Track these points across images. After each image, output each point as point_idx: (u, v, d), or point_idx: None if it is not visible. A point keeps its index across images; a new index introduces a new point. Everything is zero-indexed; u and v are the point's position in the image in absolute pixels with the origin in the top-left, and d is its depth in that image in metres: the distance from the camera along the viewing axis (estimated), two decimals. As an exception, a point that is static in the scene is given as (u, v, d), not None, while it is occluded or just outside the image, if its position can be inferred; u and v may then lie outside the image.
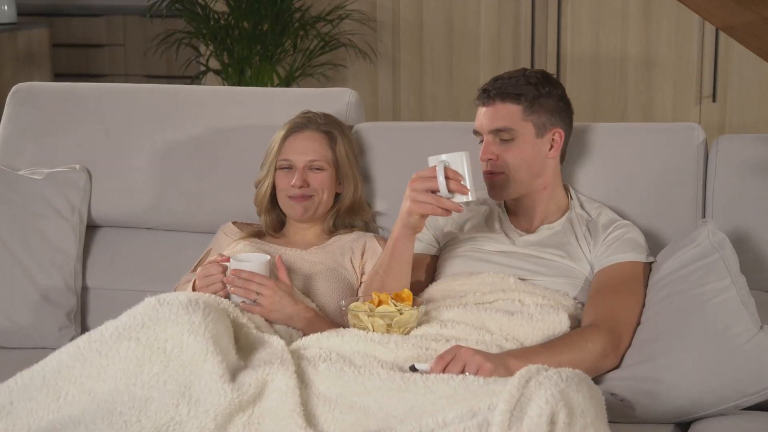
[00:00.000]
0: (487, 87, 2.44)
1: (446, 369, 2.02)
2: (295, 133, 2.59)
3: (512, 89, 2.41)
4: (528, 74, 2.45)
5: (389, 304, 2.23)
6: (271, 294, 2.31)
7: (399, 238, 2.32)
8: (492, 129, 2.41)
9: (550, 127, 2.44)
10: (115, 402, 1.94)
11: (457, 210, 2.24)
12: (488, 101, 2.43)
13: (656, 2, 4.82)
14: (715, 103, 4.84)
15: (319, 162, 2.57)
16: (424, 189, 2.23)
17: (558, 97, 2.46)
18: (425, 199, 2.23)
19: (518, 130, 2.41)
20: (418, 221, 2.29)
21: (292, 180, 2.55)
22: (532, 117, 2.41)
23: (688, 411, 2.17)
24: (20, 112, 2.95)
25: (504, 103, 2.41)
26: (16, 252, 2.74)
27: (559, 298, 2.34)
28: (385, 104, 5.16)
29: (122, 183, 2.86)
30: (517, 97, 2.41)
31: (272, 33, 4.93)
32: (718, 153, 2.54)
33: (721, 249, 2.25)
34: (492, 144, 2.42)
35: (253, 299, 2.30)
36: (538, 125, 2.42)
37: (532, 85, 2.42)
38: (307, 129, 2.60)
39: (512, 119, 2.40)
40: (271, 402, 1.97)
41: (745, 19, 2.06)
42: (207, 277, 2.35)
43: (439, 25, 5.06)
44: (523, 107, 2.41)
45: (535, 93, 2.42)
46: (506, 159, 2.41)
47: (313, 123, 2.61)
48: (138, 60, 6.24)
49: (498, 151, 2.41)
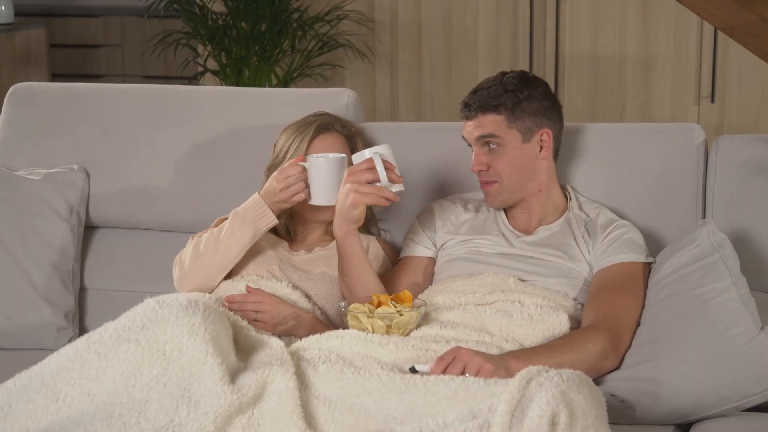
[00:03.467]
0: (468, 101, 2.46)
1: (446, 370, 2.02)
2: (324, 133, 2.56)
3: (491, 101, 2.42)
4: (505, 81, 2.45)
5: (389, 305, 2.23)
6: (269, 309, 2.33)
7: (343, 236, 2.36)
8: (478, 136, 2.42)
9: (536, 129, 2.44)
10: (114, 404, 1.94)
11: (394, 199, 2.32)
12: (470, 114, 2.44)
13: (655, 2, 4.82)
14: (714, 104, 4.84)
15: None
16: (365, 180, 2.29)
17: (540, 97, 2.45)
18: (368, 190, 2.29)
19: (504, 138, 2.41)
20: (361, 213, 2.33)
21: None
22: (516, 124, 2.42)
23: (688, 412, 2.17)
24: (18, 112, 2.94)
25: (485, 115, 2.42)
26: (14, 252, 2.74)
27: (559, 299, 2.34)
28: (383, 104, 5.16)
29: (121, 183, 2.85)
30: (497, 108, 2.41)
31: (270, 33, 4.93)
32: (718, 153, 2.54)
33: (721, 249, 2.25)
34: (481, 154, 2.43)
35: (252, 318, 2.31)
36: (523, 130, 2.42)
37: (510, 92, 2.42)
38: (333, 130, 2.58)
39: (496, 127, 2.41)
40: (271, 403, 1.97)
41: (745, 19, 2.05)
42: (287, 178, 2.37)
43: (437, 26, 5.06)
44: (505, 116, 2.41)
45: (514, 100, 2.41)
46: (497, 167, 2.42)
47: (337, 124, 2.59)
48: (135, 60, 6.24)
49: (488, 160, 2.42)
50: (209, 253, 2.43)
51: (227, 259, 2.44)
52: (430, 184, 2.69)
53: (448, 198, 2.60)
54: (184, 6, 5.05)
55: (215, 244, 2.43)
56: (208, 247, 2.44)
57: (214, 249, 2.43)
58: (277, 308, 2.34)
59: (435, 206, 2.57)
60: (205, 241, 2.45)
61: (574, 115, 2.51)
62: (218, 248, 2.43)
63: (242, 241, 2.43)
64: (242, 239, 2.42)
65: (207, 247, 2.44)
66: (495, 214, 2.52)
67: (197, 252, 2.45)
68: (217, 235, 2.44)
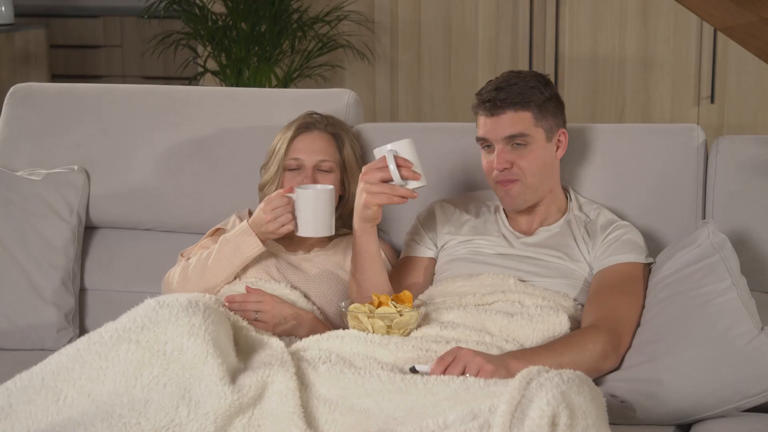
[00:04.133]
0: (492, 97, 2.39)
1: (447, 370, 2.02)
2: (304, 133, 2.57)
3: (520, 97, 2.37)
4: (526, 78, 2.42)
5: (389, 305, 2.23)
6: (270, 309, 2.33)
7: (360, 233, 2.34)
8: (506, 136, 2.38)
9: (556, 129, 2.43)
10: (114, 404, 1.93)
11: (411, 196, 2.27)
12: (497, 111, 2.38)
13: (654, 3, 4.82)
14: (713, 104, 4.84)
15: (328, 162, 2.55)
16: (377, 180, 2.26)
17: (556, 97, 2.45)
18: (379, 190, 2.26)
19: (533, 136, 2.38)
20: (375, 212, 2.31)
21: (300, 180, 2.53)
22: (542, 122, 2.40)
23: (688, 412, 2.17)
24: (18, 112, 2.94)
25: (516, 112, 2.38)
26: (14, 253, 2.74)
27: (559, 300, 2.34)
28: (383, 105, 5.16)
29: (121, 184, 2.85)
30: (527, 105, 2.38)
31: (270, 34, 4.92)
32: (718, 154, 2.54)
33: (721, 250, 2.25)
34: (505, 152, 2.38)
35: (252, 318, 2.31)
36: (547, 129, 2.41)
37: (536, 89, 2.40)
38: (315, 129, 2.58)
39: (526, 125, 2.38)
40: (272, 404, 1.97)
41: (744, 20, 2.05)
42: (274, 210, 2.36)
43: (437, 26, 5.06)
44: (533, 113, 2.38)
45: (541, 98, 2.39)
46: (521, 165, 2.38)
47: (320, 123, 2.60)
48: (135, 61, 6.24)
49: (512, 158, 2.38)
50: (196, 278, 2.46)
51: (213, 285, 2.46)
52: (430, 184, 2.67)
53: (448, 199, 2.60)
54: (184, 6, 5.05)
55: (202, 269, 2.46)
56: (195, 273, 2.47)
57: (200, 274, 2.46)
58: (278, 308, 2.35)
59: (436, 207, 2.57)
60: (192, 266, 2.48)
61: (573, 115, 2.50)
62: (205, 274, 2.46)
63: (228, 268, 2.45)
64: (229, 266, 2.45)
65: (194, 272, 2.47)
66: (496, 215, 2.52)
67: (185, 276, 2.48)
68: (204, 261, 2.47)
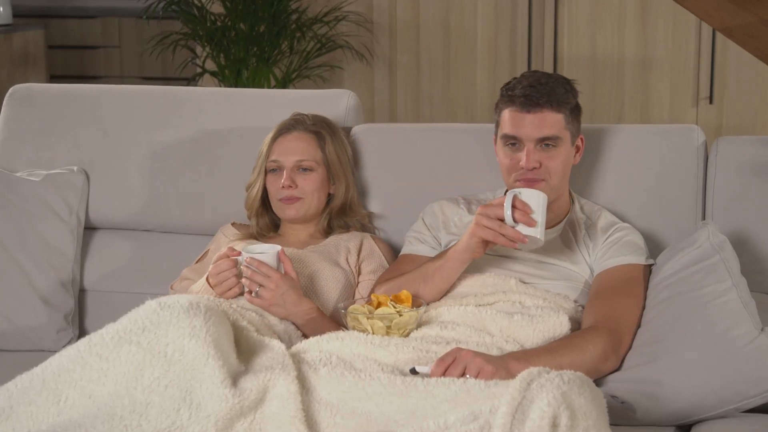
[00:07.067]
0: (529, 93, 2.37)
1: (447, 372, 2.02)
2: (283, 135, 2.60)
3: (558, 97, 2.37)
4: (558, 80, 2.41)
5: (388, 305, 2.23)
6: (273, 288, 2.31)
7: (454, 258, 2.33)
8: (542, 137, 2.37)
9: (577, 133, 2.44)
10: (115, 406, 1.93)
11: (519, 239, 2.22)
12: (534, 108, 2.36)
13: (653, 3, 4.82)
14: (712, 105, 4.84)
15: (307, 162, 2.57)
16: (492, 215, 2.24)
17: (578, 103, 2.46)
18: (489, 224, 2.24)
19: (562, 138, 2.39)
20: (478, 246, 2.28)
21: (281, 182, 2.55)
22: (570, 125, 2.40)
23: (688, 413, 2.17)
24: (17, 113, 2.94)
25: (552, 111, 2.37)
26: (14, 254, 2.74)
27: (560, 301, 2.34)
28: (381, 106, 5.15)
29: (120, 185, 2.85)
30: (563, 106, 2.38)
31: (269, 35, 4.92)
32: (718, 154, 2.54)
33: (721, 251, 2.25)
34: (535, 151, 2.37)
35: (255, 290, 2.30)
36: (573, 132, 2.41)
37: (570, 93, 2.41)
38: (295, 130, 2.61)
39: (559, 127, 2.38)
40: (273, 408, 1.96)
41: (743, 20, 2.05)
42: (219, 274, 2.36)
43: (435, 27, 5.06)
44: (565, 116, 2.39)
45: (573, 101, 2.41)
46: (549, 166, 2.37)
47: (301, 124, 2.61)
48: (134, 62, 6.23)
49: (541, 157, 2.37)
50: None
51: None
52: (429, 185, 2.69)
53: (451, 199, 2.59)
54: (183, 7, 5.05)
55: None
56: None
57: None
58: (282, 290, 2.33)
59: (441, 205, 2.56)
60: None
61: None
62: None
63: None
64: None
65: None
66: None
67: None
68: None
